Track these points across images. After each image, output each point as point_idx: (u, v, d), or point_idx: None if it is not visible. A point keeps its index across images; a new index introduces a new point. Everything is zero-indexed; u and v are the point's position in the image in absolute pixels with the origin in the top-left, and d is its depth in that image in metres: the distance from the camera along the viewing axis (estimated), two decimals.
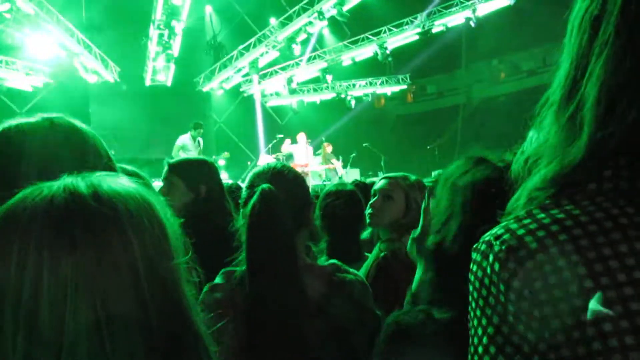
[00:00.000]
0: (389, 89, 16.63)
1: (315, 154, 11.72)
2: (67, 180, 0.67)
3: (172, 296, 0.70)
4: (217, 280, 1.44)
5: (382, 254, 2.03)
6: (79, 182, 0.67)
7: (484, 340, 0.63)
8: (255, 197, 1.39)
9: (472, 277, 0.67)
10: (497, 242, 0.63)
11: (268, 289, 1.36)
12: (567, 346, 0.55)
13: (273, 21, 11.92)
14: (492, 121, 13.74)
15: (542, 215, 0.62)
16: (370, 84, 16.16)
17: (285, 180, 1.49)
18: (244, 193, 1.50)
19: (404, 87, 17.00)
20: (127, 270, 0.64)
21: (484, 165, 1.20)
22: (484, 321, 0.64)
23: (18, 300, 0.59)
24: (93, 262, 0.62)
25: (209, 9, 14.39)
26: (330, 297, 1.41)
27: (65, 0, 11.06)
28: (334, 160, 11.38)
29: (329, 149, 11.64)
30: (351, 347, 1.40)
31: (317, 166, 11.41)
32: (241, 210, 1.49)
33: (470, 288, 0.67)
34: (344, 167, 12.61)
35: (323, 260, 1.89)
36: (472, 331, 0.66)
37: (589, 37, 0.62)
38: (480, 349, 0.64)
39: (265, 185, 1.40)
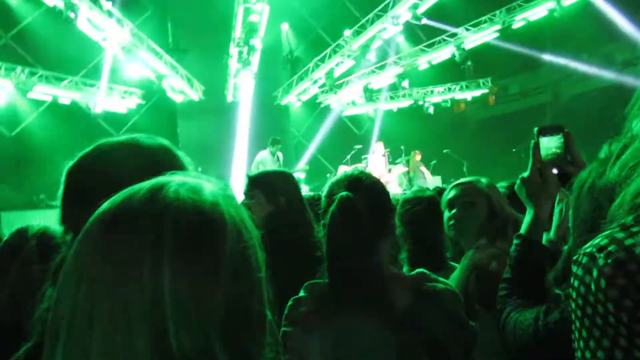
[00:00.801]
0: (469, 94, 16.02)
1: (394, 162, 11.58)
2: (180, 180, 0.65)
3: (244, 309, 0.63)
4: (302, 293, 1.42)
5: (478, 264, 1.88)
6: (182, 184, 0.64)
7: None
8: (334, 206, 1.36)
9: (573, 293, 0.60)
10: (602, 255, 0.56)
11: (353, 300, 1.32)
12: None
13: (347, 33, 12.01)
14: (584, 118, 12.86)
15: None
16: (449, 89, 15.73)
17: (364, 187, 1.45)
18: (323, 202, 1.48)
19: (485, 91, 16.36)
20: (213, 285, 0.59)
21: None
22: (592, 344, 0.57)
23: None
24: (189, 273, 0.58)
25: (285, 26, 14.81)
26: (421, 308, 1.34)
27: (153, 27, 11.90)
28: (423, 169, 11.18)
29: (418, 157, 11.49)
30: (444, 358, 1.32)
31: (396, 173, 11.27)
32: (322, 221, 1.47)
33: (573, 305, 0.61)
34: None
35: (406, 271, 1.81)
36: (579, 354, 0.60)
37: None
38: None
39: (343, 193, 1.37)
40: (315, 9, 14.53)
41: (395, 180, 10.98)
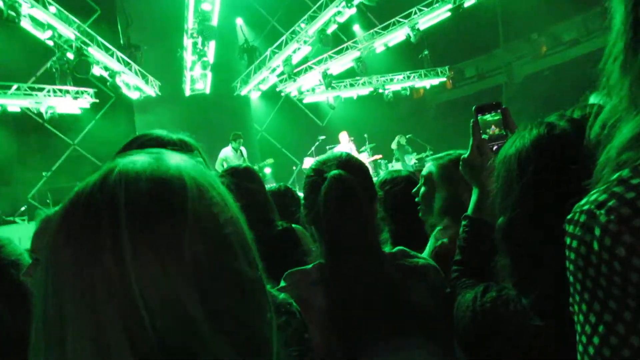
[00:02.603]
0: (428, 82, 16.37)
1: (360, 151, 11.64)
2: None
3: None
4: (282, 283, 1.38)
5: (439, 242, 1.87)
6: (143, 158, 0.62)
7: (600, 329, 0.51)
8: (327, 183, 1.32)
9: (572, 255, 0.55)
10: (603, 212, 0.51)
11: (350, 277, 1.31)
12: None
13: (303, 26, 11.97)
14: (539, 97, 13.24)
15: None
16: (408, 77, 15.95)
17: (354, 168, 1.41)
18: (309, 179, 1.44)
19: (443, 79, 16.70)
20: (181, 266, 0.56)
21: (529, 127, 1.13)
22: (596, 306, 0.52)
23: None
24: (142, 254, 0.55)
25: (239, 21, 14.68)
26: (405, 283, 1.34)
27: (103, 27, 11.57)
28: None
29: (402, 140, 12.04)
30: (434, 333, 1.32)
31: (365, 160, 11.34)
32: (302, 201, 1.45)
33: (571, 267, 0.55)
34: (389, 161, 12.50)
35: (388, 250, 1.83)
36: (581, 318, 0.54)
37: None
38: (596, 340, 0.51)
39: (336, 172, 1.34)
40: (269, 2, 14.47)
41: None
